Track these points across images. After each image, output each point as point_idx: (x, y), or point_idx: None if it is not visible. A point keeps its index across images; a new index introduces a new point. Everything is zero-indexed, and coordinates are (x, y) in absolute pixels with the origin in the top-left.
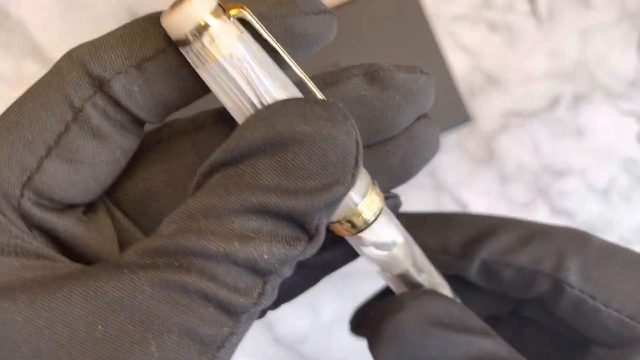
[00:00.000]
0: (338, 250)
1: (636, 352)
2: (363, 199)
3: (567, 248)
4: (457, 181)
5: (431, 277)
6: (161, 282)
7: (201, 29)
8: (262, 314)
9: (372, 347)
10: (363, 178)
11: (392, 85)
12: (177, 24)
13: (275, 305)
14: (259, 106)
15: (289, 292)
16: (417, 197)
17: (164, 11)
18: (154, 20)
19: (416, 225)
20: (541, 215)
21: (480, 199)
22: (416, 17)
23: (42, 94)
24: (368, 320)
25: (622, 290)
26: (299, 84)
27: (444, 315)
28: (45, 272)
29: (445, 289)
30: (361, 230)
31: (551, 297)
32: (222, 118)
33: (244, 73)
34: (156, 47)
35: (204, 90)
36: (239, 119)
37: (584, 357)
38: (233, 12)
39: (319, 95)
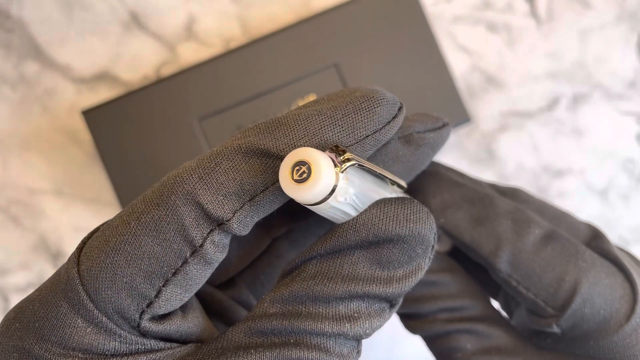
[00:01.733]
0: None
1: (547, 325)
2: None
3: (505, 238)
4: None
5: (437, 232)
6: (286, 359)
7: (325, 197)
8: None
9: None
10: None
11: (423, 144)
12: (307, 199)
13: None
14: (354, 214)
15: None
16: None
17: (285, 180)
18: (256, 151)
19: (423, 178)
20: None
21: None
22: (416, 17)
23: (159, 231)
24: None
25: (541, 282)
26: (385, 178)
27: None
28: None
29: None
30: None
31: (488, 268)
32: None
33: (351, 203)
34: (266, 182)
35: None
36: (336, 221)
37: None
38: (345, 165)
39: (403, 184)
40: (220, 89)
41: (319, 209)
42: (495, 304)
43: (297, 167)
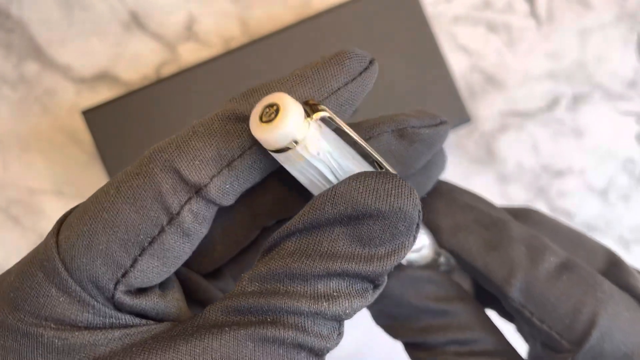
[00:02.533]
0: None
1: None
2: None
3: (519, 265)
4: (457, 181)
5: (449, 259)
6: (261, 337)
7: (294, 140)
8: None
9: None
10: None
11: (417, 140)
12: (272, 140)
13: None
14: (335, 182)
15: None
16: None
17: (253, 121)
18: (231, 116)
19: (435, 198)
20: None
21: None
22: (416, 17)
23: (136, 198)
24: None
25: (556, 313)
26: (366, 155)
27: (426, 282)
28: (143, 336)
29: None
30: None
31: (500, 297)
32: (270, 174)
33: (326, 162)
34: (242, 146)
35: (279, 168)
36: (315, 191)
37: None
38: (316, 115)
39: (389, 168)
40: (220, 89)
41: (291, 164)
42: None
43: (267, 109)
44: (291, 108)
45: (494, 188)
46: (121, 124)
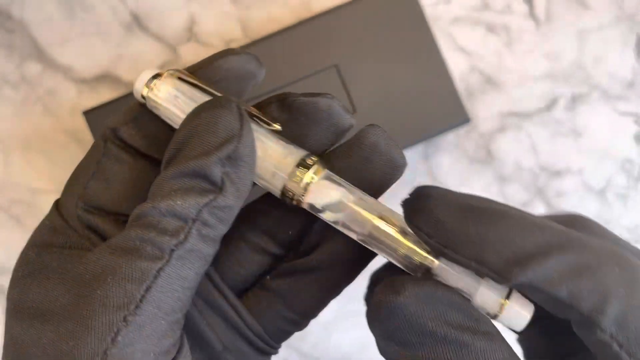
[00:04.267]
0: (332, 247)
1: None
2: (296, 168)
3: (614, 292)
4: (456, 181)
5: (406, 228)
6: (113, 245)
7: (146, 90)
8: (287, 335)
9: (369, 321)
10: (293, 153)
11: (295, 109)
12: (137, 88)
13: (300, 325)
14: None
15: (313, 306)
16: None
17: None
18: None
19: (498, 220)
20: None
21: None
22: (415, 18)
23: (87, 155)
24: (370, 295)
25: None
26: None
27: (444, 307)
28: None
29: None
30: (304, 194)
31: (579, 329)
32: None
33: (177, 105)
34: (135, 110)
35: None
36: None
37: None
38: (165, 74)
39: (217, 94)
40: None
41: (159, 111)
42: None
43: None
44: (144, 72)
45: (493, 188)
46: None
